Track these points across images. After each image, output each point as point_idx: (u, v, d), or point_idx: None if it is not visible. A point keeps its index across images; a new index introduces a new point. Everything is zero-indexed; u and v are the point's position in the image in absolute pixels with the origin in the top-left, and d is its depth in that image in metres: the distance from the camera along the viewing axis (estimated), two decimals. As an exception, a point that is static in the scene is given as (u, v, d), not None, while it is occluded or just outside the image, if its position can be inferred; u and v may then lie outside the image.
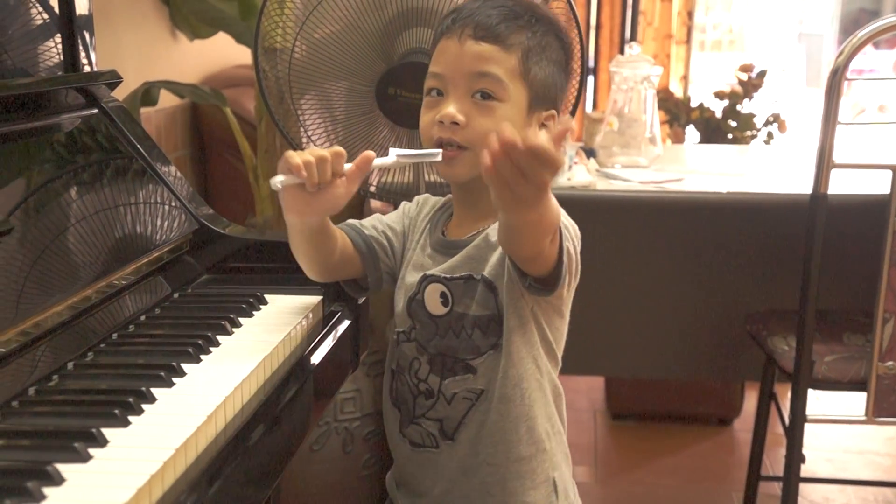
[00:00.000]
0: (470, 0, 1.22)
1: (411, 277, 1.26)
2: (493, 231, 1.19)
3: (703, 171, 2.38)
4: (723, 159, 2.61)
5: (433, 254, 1.26)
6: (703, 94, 3.74)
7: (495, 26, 1.16)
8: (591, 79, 4.64)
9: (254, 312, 1.28)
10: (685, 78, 4.63)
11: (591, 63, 4.66)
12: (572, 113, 1.87)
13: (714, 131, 3.32)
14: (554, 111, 1.21)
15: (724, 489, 2.57)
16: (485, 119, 1.16)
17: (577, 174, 2.21)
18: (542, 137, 0.93)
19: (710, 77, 5.20)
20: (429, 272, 1.23)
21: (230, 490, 0.91)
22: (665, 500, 2.52)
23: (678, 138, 3.51)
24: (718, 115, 3.35)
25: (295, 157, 1.08)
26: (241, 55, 2.85)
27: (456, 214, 1.29)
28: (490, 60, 1.16)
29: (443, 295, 1.22)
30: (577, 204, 2.13)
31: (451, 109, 1.16)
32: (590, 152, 2.46)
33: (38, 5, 1.36)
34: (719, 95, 3.36)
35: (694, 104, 3.46)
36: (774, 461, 2.68)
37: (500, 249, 1.17)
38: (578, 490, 1.30)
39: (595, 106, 4.65)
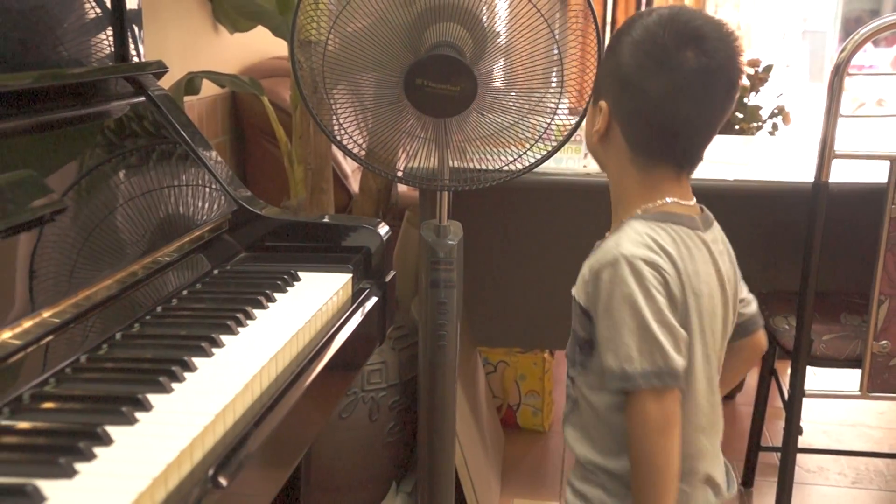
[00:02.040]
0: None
1: None
2: (600, 247, 1.17)
3: (710, 159, 2.35)
4: (730, 149, 2.59)
5: None
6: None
7: (607, 52, 1.23)
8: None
9: (288, 288, 1.28)
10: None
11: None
12: (588, 104, 1.86)
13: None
14: (605, 103, 1.19)
15: (726, 458, 2.55)
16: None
17: (593, 162, 2.19)
18: None
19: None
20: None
21: (266, 453, 0.92)
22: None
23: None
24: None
25: None
26: (278, 47, 2.85)
27: None
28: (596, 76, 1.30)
29: (573, 307, 1.23)
30: (589, 190, 2.12)
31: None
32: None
33: (91, 1, 1.37)
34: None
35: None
36: (774, 433, 2.67)
37: (590, 279, 1.15)
38: None
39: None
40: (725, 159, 2.36)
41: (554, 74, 1.74)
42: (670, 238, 1.14)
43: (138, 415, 0.86)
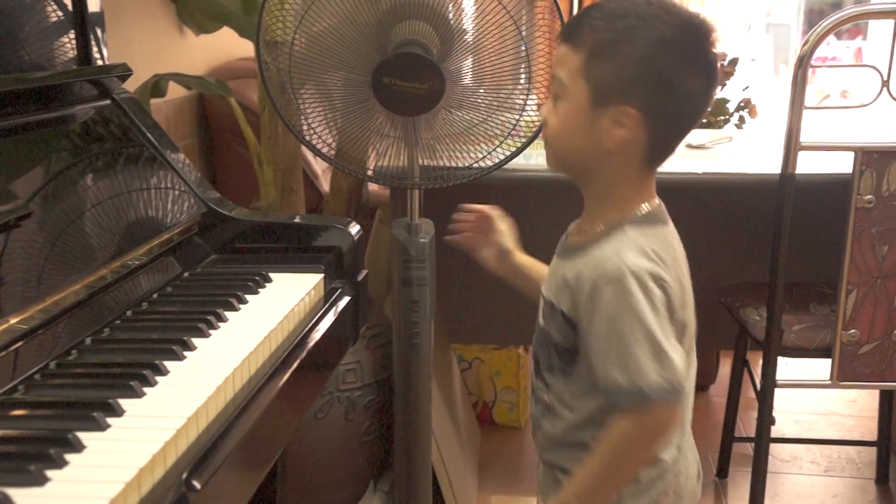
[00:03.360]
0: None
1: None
2: (591, 253, 1.11)
3: (678, 153, 2.37)
4: (698, 143, 2.60)
5: (555, 256, 1.21)
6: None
7: (573, 27, 1.10)
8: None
9: (259, 290, 1.28)
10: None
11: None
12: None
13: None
14: (633, 109, 1.06)
15: (700, 449, 2.55)
16: (554, 118, 1.12)
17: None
18: None
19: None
20: (542, 287, 1.21)
21: (241, 454, 0.92)
22: (645, 460, 2.53)
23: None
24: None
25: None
26: (244, 48, 2.83)
27: (583, 210, 1.21)
28: (561, 61, 1.10)
29: (542, 309, 1.19)
30: (559, 186, 2.13)
31: (544, 109, 1.16)
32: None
33: (52, 3, 1.35)
34: (694, 83, 3.35)
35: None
36: (747, 423, 2.69)
37: (584, 289, 1.09)
38: None
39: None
40: (693, 153, 2.38)
41: (522, 71, 1.75)
42: (660, 243, 1.12)
43: (110, 420, 0.85)
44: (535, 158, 2.11)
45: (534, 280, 1.31)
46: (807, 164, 1.90)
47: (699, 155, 2.32)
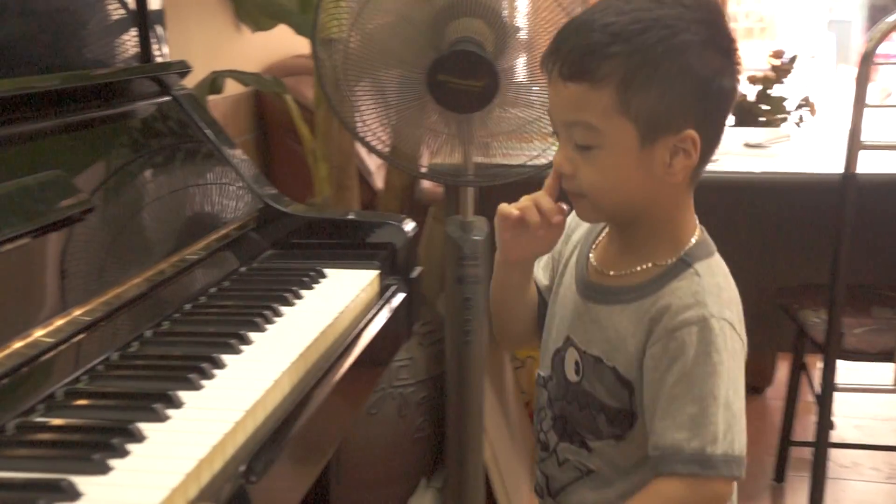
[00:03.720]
0: (576, 17, 0.98)
1: (560, 326, 1.07)
2: (657, 300, 0.96)
3: (736, 152, 2.34)
4: (756, 142, 2.57)
5: (577, 296, 1.05)
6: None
7: (582, 59, 0.92)
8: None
9: (314, 285, 1.29)
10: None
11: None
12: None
13: (747, 115, 3.27)
14: (691, 130, 0.93)
15: (757, 453, 2.53)
16: (589, 169, 0.95)
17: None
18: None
19: (743, 63, 5.09)
20: (571, 336, 1.04)
21: (297, 449, 0.93)
22: (699, 463, 2.51)
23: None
24: (751, 98, 3.30)
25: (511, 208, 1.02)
26: (300, 46, 2.85)
27: (608, 240, 1.06)
28: (579, 105, 0.93)
29: (576, 364, 1.03)
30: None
31: (558, 158, 0.98)
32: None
33: (114, 1, 1.38)
34: (752, 80, 3.31)
35: (727, 89, 3.39)
36: (805, 427, 2.65)
37: (654, 342, 0.95)
38: None
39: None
40: (752, 152, 2.35)
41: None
42: (724, 277, 1.00)
43: (169, 411, 0.87)
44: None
45: (532, 294, 1.14)
46: (870, 164, 1.87)
47: (757, 154, 2.29)
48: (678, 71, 0.91)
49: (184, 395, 0.90)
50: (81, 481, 0.73)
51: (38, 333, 0.91)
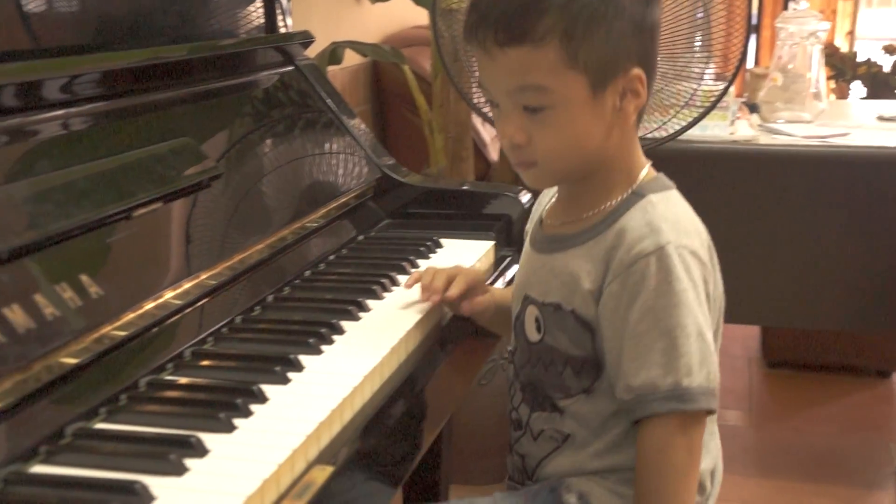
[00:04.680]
0: None
1: (517, 292, 1.04)
2: (609, 234, 0.93)
3: (869, 125, 2.25)
4: (891, 115, 2.46)
5: (533, 253, 1.03)
6: (869, 49, 3.52)
7: (517, 21, 0.88)
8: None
9: (430, 255, 1.30)
10: (851, 33, 4.37)
11: (755, 20, 4.46)
12: (736, 70, 1.80)
13: (881, 86, 3.13)
14: (637, 69, 0.91)
15: (881, 439, 2.45)
16: (544, 133, 0.91)
17: (740, 128, 2.13)
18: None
19: (876, 32, 4.90)
20: (528, 293, 1.00)
21: (412, 415, 0.94)
22: (820, 447, 2.44)
23: (842, 94, 3.32)
24: (886, 70, 3.16)
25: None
26: (418, 16, 2.87)
27: (558, 198, 1.04)
28: (523, 68, 0.89)
29: (536, 321, 0.99)
30: (740, 157, 2.06)
31: (507, 130, 0.93)
32: (752, 107, 2.37)
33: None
34: (889, 50, 3.16)
35: (860, 59, 3.26)
36: (933, 414, 2.55)
37: (612, 276, 0.91)
38: (730, 433, 1.12)
39: (757, 62, 4.46)
40: (885, 125, 2.25)
41: (698, 39, 1.70)
42: (683, 210, 0.95)
43: (291, 374, 0.89)
44: (710, 129, 2.05)
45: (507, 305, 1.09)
46: None
47: (892, 128, 2.19)
48: (615, 11, 0.89)
49: (304, 359, 0.92)
50: (208, 438, 0.76)
51: (168, 295, 0.95)
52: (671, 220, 0.91)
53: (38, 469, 0.73)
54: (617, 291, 0.90)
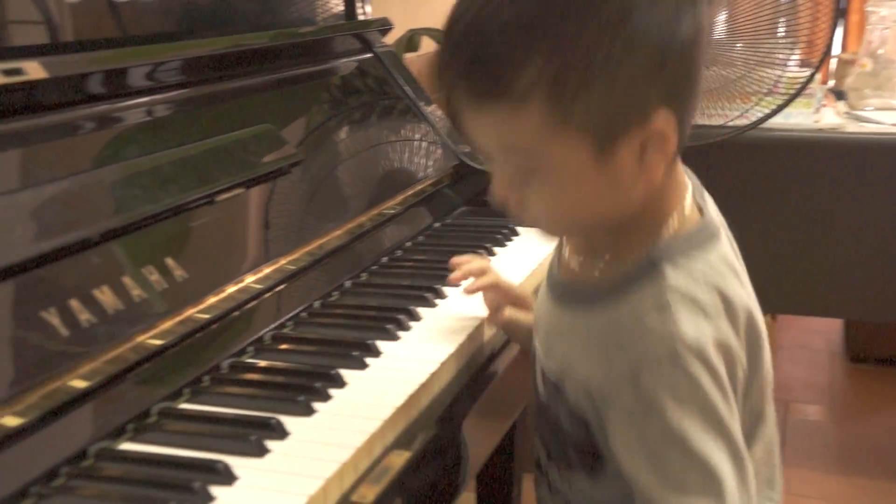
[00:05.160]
0: (458, 7, 0.72)
1: (533, 322, 0.89)
2: (613, 313, 0.74)
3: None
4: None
5: (545, 289, 0.85)
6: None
7: (493, 67, 0.67)
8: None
9: (507, 243, 1.30)
10: (944, 17, 4.21)
11: (843, 3, 4.33)
12: (823, 56, 1.75)
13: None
14: (661, 112, 0.68)
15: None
16: (536, 197, 0.72)
17: (826, 116, 2.08)
18: None
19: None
20: (535, 339, 0.86)
21: (486, 405, 0.94)
22: (903, 445, 2.38)
23: (934, 80, 3.21)
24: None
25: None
26: (494, 3, 2.87)
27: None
28: (503, 130, 0.69)
29: (543, 380, 0.84)
30: (826, 146, 2.01)
31: (497, 190, 0.75)
32: (839, 94, 2.31)
33: (321, -40, 1.43)
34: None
35: (954, 44, 3.15)
36: None
37: (590, 371, 0.75)
38: (811, 428, 1.03)
39: (844, 48, 4.33)
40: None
41: (781, 24, 1.66)
42: (711, 268, 0.75)
43: (368, 360, 0.90)
44: (794, 117, 2.00)
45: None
46: None
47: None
48: (623, 49, 0.65)
49: (381, 344, 0.93)
50: (288, 421, 0.77)
51: (249, 280, 0.97)
52: (686, 304, 0.71)
53: (126, 446, 0.75)
54: (630, 406, 0.72)
